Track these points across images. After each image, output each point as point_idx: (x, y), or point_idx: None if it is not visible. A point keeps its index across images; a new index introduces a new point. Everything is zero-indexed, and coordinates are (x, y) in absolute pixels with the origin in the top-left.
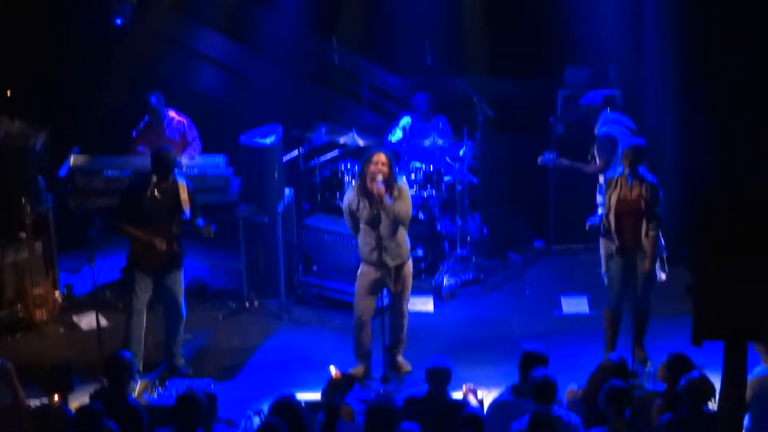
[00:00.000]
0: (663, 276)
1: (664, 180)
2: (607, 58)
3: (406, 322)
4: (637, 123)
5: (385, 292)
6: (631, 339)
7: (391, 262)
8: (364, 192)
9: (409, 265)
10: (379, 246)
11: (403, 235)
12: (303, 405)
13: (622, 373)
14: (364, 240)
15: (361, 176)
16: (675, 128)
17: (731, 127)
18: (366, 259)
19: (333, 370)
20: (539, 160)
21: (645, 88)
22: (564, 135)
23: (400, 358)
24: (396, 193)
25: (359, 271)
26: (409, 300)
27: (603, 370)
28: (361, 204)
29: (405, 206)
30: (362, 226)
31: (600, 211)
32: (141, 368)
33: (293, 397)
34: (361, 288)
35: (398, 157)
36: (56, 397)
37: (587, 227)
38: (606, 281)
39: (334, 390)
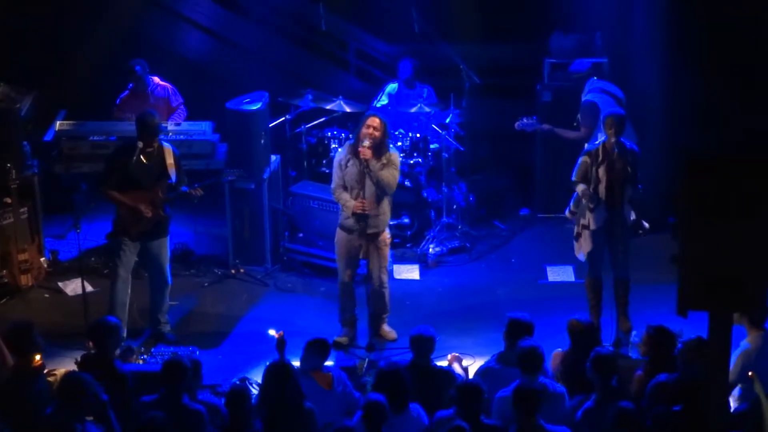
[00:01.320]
0: (647, 225)
1: (651, 146)
2: (593, 25)
3: (387, 291)
4: (623, 89)
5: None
6: (616, 308)
7: (368, 230)
8: (355, 152)
9: (386, 235)
10: (361, 214)
11: (385, 204)
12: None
13: (590, 333)
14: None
15: (355, 137)
16: (661, 92)
17: (716, 86)
18: (342, 223)
19: (273, 332)
20: (516, 124)
21: (631, 54)
22: (551, 102)
23: (385, 326)
24: (384, 160)
25: (336, 236)
26: (391, 269)
27: (571, 331)
28: (351, 162)
29: (390, 174)
30: (347, 186)
31: (579, 189)
32: (126, 335)
33: (288, 362)
34: (339, 254)
35: None
36: (37, 357)
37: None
38: (584, 256)
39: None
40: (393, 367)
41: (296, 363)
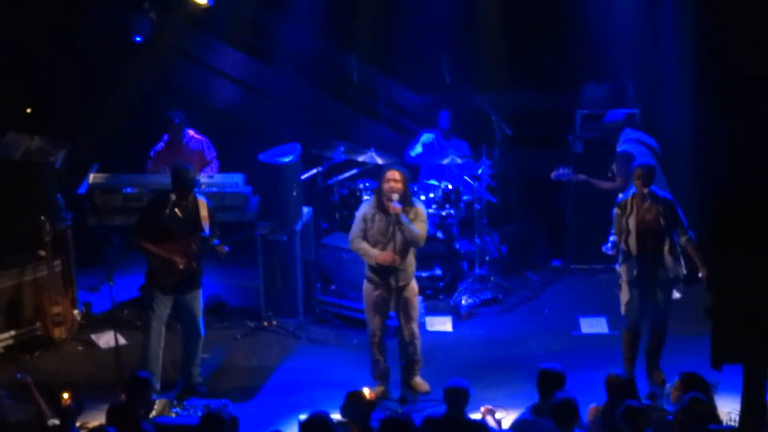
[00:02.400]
0: (677, 294)
1: (684, 193)
2: (624, 74)
3: (418, 342)
4: (655, 137)
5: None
6: (647, 360)
7: (394, 283)
8: (381, 208)
9: (414, 285)
10: (387, 268)
11: (411, 256)
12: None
13: (628, 388)
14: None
15: (377, 193)
16: (693, 140)
17: (747, 131)
18: (369, 276)
19: (368, 391)
20: (552, 174)
21: (662, 102)
22: (583, 153)
23: (418, 378)
24: (412, 215)
25: (363, 287)
26: (423, 321)
27: (609, 385)
28: (377, 217)
29: (421, 228)
30: (371, 241)
31: (611, 238)
32: (159, 387)
33: (327, 415)
34: (367, 306)
35: (416, 172)
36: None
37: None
38: (623, 308)
39: (362, 410)
40: (395, 420)
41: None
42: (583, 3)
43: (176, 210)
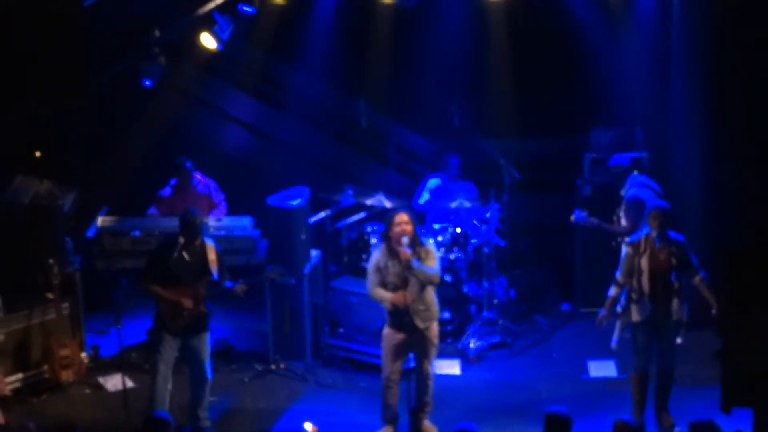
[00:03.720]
0: (679, 340)
1: (692, 240)
2: (633, 119)
3: (432, 384)
4: (663, 184)
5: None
6: (655, 404)
7: (421, 324)
8: (392, 253)
9: (436, 327)
10: (407, 309)
11: (431, 295)
12: None
13: None
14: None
15: (386, 238)
16: (702, 188)
17: (758, 184)
18: (391, 321)
19: (309, 426)
20: (572, 217)
21: (671, 149)
22: (591, 197)
23: (426, 422)
24: (423, 254)
25: (384, 332)
26: (434, 362)
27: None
28: (390, 264)
29: (433, 267)
30: (390, 287)
31: (612, 291)
32: None
33: None
34: (386, 350)
35: (424, 218)
36: None
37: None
38: (614, 339)
39: None
40: None
41: None
42: (592, 49)
43: (184, 254)
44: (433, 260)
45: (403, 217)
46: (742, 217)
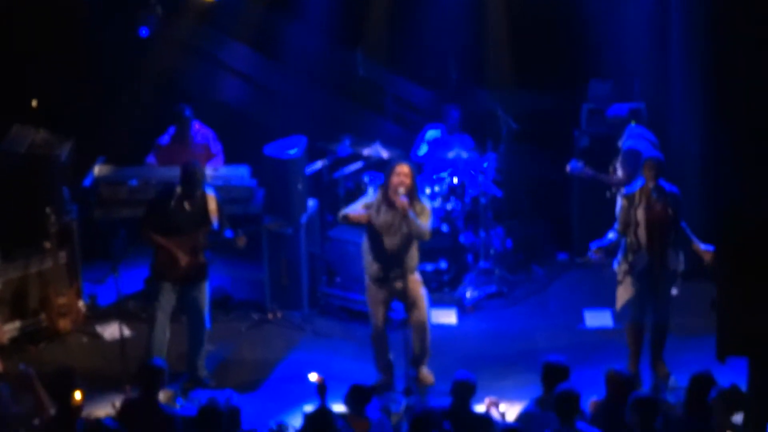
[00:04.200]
0: (675, 291)
1: (689, 192)
2: (631, 71)
3: (427, 333)
4: (661, 136)
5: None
6: (651, 354)
7: (395, 276)
8: (387, 201)
9: (416, 276)
10: (387, 259)
11: (414, 250)
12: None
13: (628, 385)
14: (370, 252)
15: (384, 186)
16: (700, 140)
17: (757, 140)
18: (370, 273)
19: (314, 376)
20: (568, 167)
21: (669, 101)
22: (588, 148)
23: (424, 371)
24: (418, 209)
25: (365, 284)
26: (429, 311)
27: (608, 381)
28: (382, 209)
29: (426, 224)
30: (373, 234)
31: (611, 235)
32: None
33: (329, 409)
34: (370, 302)
35: (422, 169)
36: (77, 396)
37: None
38: (618, 303)
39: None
40: (427, 413)
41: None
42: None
43: (185, 204)
44: (426, 217)
45: (404, 169)
46: (741, 170)
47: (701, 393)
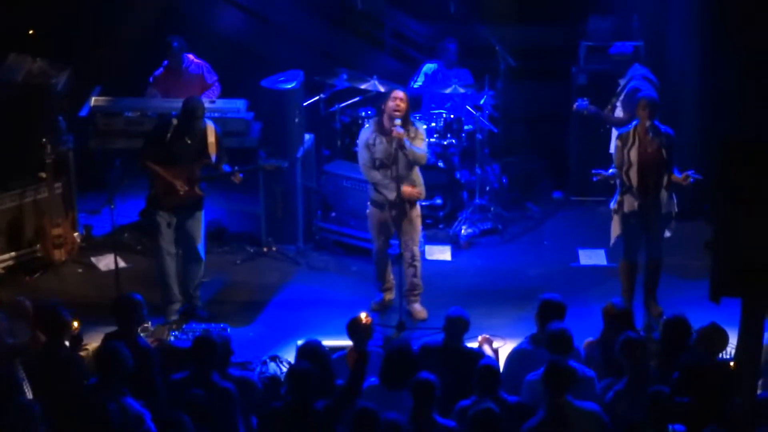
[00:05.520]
0: (668, 233)
1: (687, 131)
2: (630, 7)
3: (419, 264)
4: (659, 74)
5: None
6: (644, 293)
7: (403, 202)
8: (381, 129)
9: (417, 209)
10: (391, 186)
11: (418, 175)
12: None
13: (625, 317)
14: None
15: (379, 113)
16: (698, 77)
17: (755, 74)
18: (373, 199)
19: (364, 316)
20: (575, 105)
21: (668, 37)
22: (586, 85)
23: (417, 305)
24: (412, 134)
25: (368, 211)
26: (422, 249)
27: (606, 314)
28: (378, 140)
29: (421, 147)
30: (376, 164)
31: (611, 169)
32: (180, 298)
33: (320, 342)
34: (372, 227)
35: (419, 102)
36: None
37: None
38: (612, 240)
39: (362, 336)
40: (402, 349)
41: (328, 342)
42: None
43: (184, 136)
44: (421, 141)
45: (399, 93)
46: (739, 110)
47: (676, 337)
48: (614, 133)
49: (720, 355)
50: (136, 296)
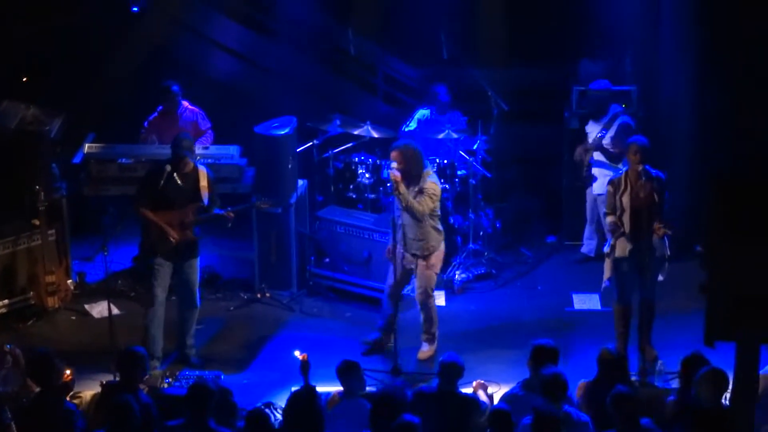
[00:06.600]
0: (661, 277)
1: (678, 170)
2: (622, 48)
3: (424, 313)
4: (652, 112)
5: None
6: (639, 336)
7: (412, 251)
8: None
9: (432, 261)
10: (399, 230)
11: (425, 229)
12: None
13: (619, 363)
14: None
15: None
16: (690, 114)
17: (748, 110)
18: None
19: (299, 354)
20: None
21: (660, 77)
22: (578, 129)
23: (423, 349)
24: (417, 188)
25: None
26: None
27: (600, 360)
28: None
29: (419, 203)
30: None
31: (607, 219)
32: (161, 357)
33: (314, 388)
34: (393, 265)
35: None
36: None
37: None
38: (604, 283)
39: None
40: (389, 394)
41: (325, 389)
42: None
43: (176, 179)
44: (426, 196)
45: (393, 155)
46: (732, 147)
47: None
48: (597, 174)
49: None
50: (140, 349)
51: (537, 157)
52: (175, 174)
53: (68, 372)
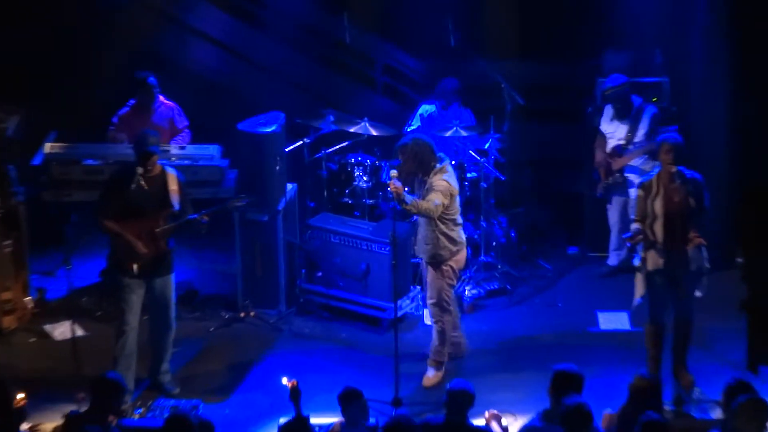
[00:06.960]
0: (698, 293)
1: (712, 175)
2: (649, 41)
3: (435, 332)
4: (684, 110)
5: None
6: (673, 360)
7: (422, 255)
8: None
9: (441, 270)
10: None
11: (433, 233)
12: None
13: (653, 391)
14: None
15: None
16: (725, 116)
17: None
18: None
19: (287, 381)
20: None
21: (694, 72)
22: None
23: (429, 374)
24: (427, 185)
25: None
26: (421, 312)
27: (635, 389)
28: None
29: (431, 199)
30: None
31: (633, 226)
32: (132, 387)
33: (307, 420)
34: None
35: None
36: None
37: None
38: (635, 300)
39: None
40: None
41: (319, 420)
42: None
43: (143, 183)
44: (433, 192)
45: (392, 172)
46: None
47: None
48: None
49: None
50: (116, 376)
51: (556, 158)
52: (141, 179)
53: (20, 396)
